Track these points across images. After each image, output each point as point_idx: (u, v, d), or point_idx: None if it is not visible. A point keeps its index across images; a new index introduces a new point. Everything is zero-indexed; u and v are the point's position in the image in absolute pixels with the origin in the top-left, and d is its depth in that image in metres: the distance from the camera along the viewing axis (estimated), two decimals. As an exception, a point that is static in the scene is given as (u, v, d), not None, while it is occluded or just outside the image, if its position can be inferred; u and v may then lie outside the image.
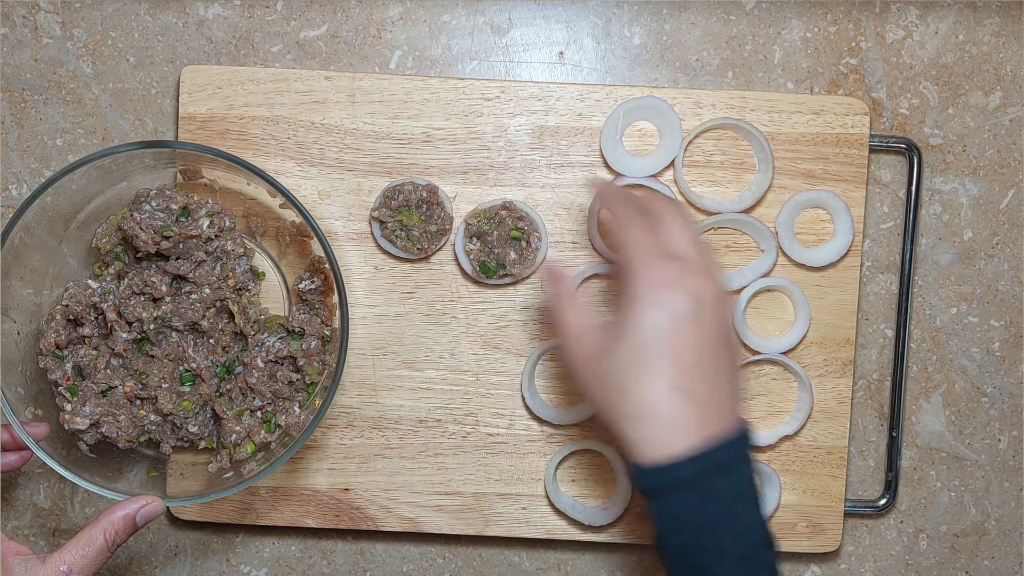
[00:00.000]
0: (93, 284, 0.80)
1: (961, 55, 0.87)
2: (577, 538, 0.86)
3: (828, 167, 0.84)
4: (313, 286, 0.81)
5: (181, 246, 0.79)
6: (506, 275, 0.83)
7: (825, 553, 0.87)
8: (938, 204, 0.87)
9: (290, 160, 0.84)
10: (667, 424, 0.64)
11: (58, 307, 0.79)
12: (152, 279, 0.79)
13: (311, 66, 0.87)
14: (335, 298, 0.78)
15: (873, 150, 0.86)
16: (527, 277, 0.84)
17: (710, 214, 0.84)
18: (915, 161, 0.86)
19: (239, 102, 0.84)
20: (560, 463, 0.85)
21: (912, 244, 0.86)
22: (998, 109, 0.87)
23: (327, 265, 0.79)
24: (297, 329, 0.80)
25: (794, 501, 0.86)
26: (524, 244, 0.83)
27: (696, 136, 0.84)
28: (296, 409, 0.79)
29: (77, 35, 0.86)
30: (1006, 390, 0.88)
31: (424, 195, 0.82)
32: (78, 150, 0.87)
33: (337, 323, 0.79)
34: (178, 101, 0.84)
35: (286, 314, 0.83)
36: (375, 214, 0.83)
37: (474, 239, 0.83)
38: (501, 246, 0.82)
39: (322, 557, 0.89)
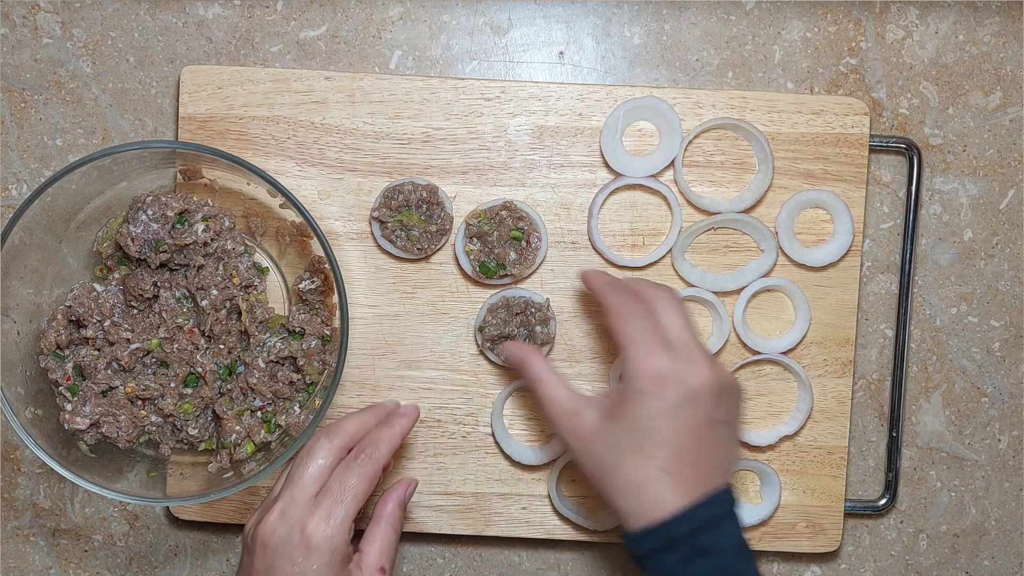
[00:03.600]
0: (98, 287, 0.80)
1: (961, 55, 0.87)
2: (577, 538, 0.86)
3: (828, 167, 0.84)
4: (313, 286, 0.81)
5: (181, 255, 0.79)
6: (506, 275, 0.83)
7: (825, 553, 0.87)
8: (938, 204, 0.87)
9: (290, 160, 0.84)
10: (654, 497, 0.68)
11: (60, 307, 0.79)
12: (168, 301, 0.79)
13: (311, 66, 0.87)
14: (335, 298, 0.78)
15: (873, 150, 0.86)
16: (527, 277, 0.84)
17: (710, 214, 0.84)
18: (915, 161, 0.86)
19: (239, 102, 0.84)
20: (562, 468, 0.85)
21: (912, 244, 0.86)
22: (998, 109, 0.87)
23: (327, 265, 0.79)
24: (298, 329, 0.80)
25: (794, 501, 0.86)
26: (524, 244, 0.83)
27: (696, 136, 0.84)
28: (296, 409, 0.79)
29: (77, 35, 0.86)
30: (1006, 390, 0.88)
31: (424, 195, 0.82)
32: (78, 150, 0.87)
33: (337, 323, 0.79)
34: (178, 101, 0.84)
35: (286, 314, 0.83)
36: (375, 214, 0.83)
37: (474, 239, 0.83)
38: (501, 246, 0.82)
39: (322, 557, 0.89)
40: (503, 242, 0.82)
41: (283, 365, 0.80)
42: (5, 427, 0.88)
